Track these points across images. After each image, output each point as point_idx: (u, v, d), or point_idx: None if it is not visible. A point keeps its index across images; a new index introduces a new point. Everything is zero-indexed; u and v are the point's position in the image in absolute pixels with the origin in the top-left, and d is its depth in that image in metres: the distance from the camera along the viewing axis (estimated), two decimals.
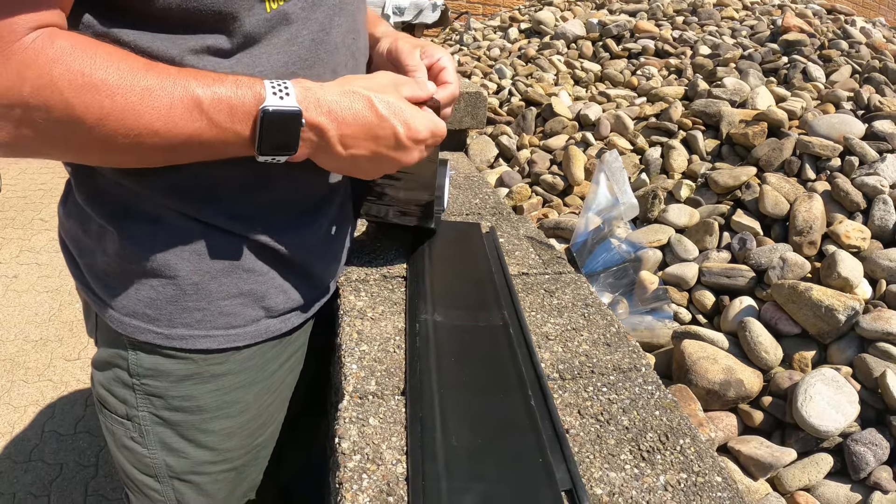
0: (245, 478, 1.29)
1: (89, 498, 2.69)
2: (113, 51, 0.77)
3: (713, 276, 2.32)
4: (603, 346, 1.13)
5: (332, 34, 1.03)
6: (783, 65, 3.76)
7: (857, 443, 1.75)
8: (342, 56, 1.08)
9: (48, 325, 3.77)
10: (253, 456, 1.27)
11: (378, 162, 0.96)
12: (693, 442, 0.93)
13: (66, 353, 3.54)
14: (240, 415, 1.18)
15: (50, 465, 2.84)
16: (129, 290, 1.04)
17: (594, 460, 0.89)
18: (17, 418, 3.09)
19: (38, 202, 5.35)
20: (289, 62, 0.97)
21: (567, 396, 1.01)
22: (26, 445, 2.94)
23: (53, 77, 0.72)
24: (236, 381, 1.15)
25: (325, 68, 1.03)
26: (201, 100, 0.81)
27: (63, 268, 4.35)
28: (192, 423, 1.16)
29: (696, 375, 1.88)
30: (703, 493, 0.84)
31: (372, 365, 1.04)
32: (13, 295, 4.06)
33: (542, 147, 3.22)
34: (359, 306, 1.19)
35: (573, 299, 1.27)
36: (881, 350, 1.93)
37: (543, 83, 3.84)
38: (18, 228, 4.92)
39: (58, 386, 3.31)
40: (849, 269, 2.13)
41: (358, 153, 0.93)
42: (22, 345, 3.60)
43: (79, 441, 2.98)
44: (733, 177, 2.65)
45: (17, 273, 4.31)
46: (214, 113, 0.82)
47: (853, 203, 2.44)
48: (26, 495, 2.68)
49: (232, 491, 1.28)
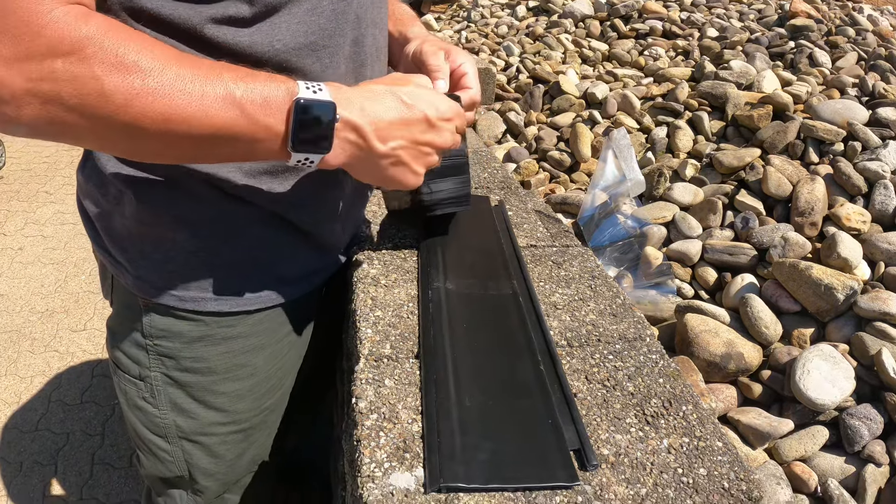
0: (253, 441, 1.31)
1: (95, 467, 2.70)
2: (147, 39, 0.75)
3: (716, 253, 2.35)
4: (609, 317, 1.15)
5: (354, 4, 1.03)
6: (790, 49, 3.76)
7: (853, 417, 1.79)
8: (364, 27, 1.08)
9: (54, 297, 3.77)
10: (261, 420, 1.29)
11: (417, 151, 0.94)
12: (695, 409, 0.96)
13: (72, 324, 3.54)
14: (249, 377, 1.21)
15: (56, 435, 2.85)
16: (144, 252, 1.06)
17: (601, 423, 0.92)
18: (23, 388, 3.10)
19: (42, 175, 5.32)
20: (309, 31, 0.96)
21: (575, 363, 1.04)
22: (33, 415, 2.95)
23: (87, 55, 0.69)
24: (246, 345, 1.17)
25: (345, 38, 1.04)
26: (234, 90, 0.78)
27: (69, 240, 4.34)
28: (202, 385, 1.18)
29: (697, 348, 1.91)
30: (705, 457, 0.87)
31: (386, 329, 1.07)
32: (19, 267, 4.05)
33: (550, 124, 3.24)
34: (372, 274, 1.20)
35: (580, 271, 1.29)
36: (878, 329, 1.97)
37: (551, 61, 3.85)
38: (23, 201, 4.90)
39: (64, 356, 3.31)
40: (848, 249, 2.17)
41: (396, 145, 0.90)
42: (28, 316, 3.60)
43: (85, 411, 2.99)
44: (738, 157, 2.68)
45: (23, 245, 4.30)
46: (248, 104, 0.79)
47: (855, 187, 2.47)
48: (33, 464, 2.70)
49: (241, 454, 1.30)
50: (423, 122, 0.92)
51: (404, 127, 0.91)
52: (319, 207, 1.14)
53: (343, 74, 1.06)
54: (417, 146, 0.93)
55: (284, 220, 1.10)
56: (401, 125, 0.90)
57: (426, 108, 0.93)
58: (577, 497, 0.80)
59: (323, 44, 0.99)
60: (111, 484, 2.62)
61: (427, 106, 0.93)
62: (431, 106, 0.94)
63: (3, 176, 5.28)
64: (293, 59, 0.96)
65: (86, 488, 2.60)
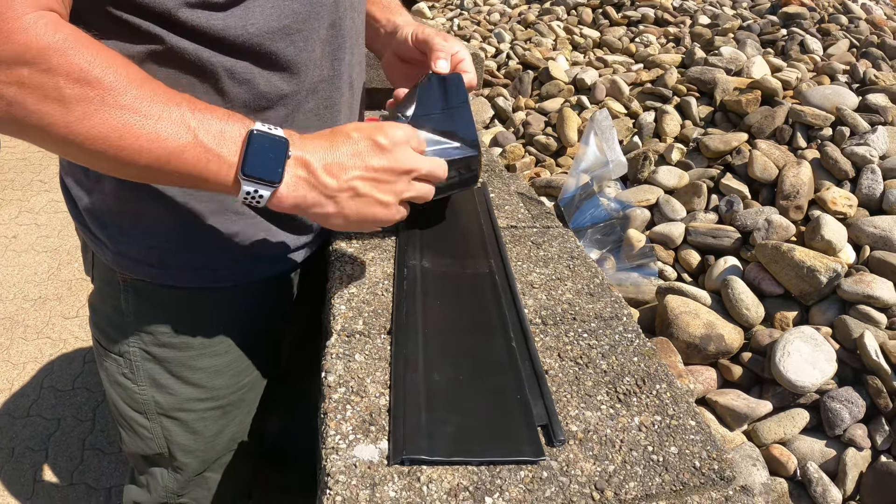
0: (232, 419, 1.32)
1: (86, 452, 2.71)
2: (115, 56, 0.77)
3: (699, 235, 2.36)
4: (586, 296, 1.16)
5: None
6: (781, 37, 3.77)
7: (834, 400, 1.80)
8: (343, 10, 1.08)
9: (47, 284, 3.78)
10: (239, 397, 1.30)
11: (375, 179, 0.91)
12: (669, 387, 0.96)
13: (65, 312, 3.56)
14: (226, 353, 1.22)
15: (48, 421, 2.86)
16: (123, 229, 1.08)
17: (571, 399, 0.92)
18: (15, 375, 3.11)
19: (37, 164, 5.33)
20: (283, 15, 0.97)
21: (548, 340, 1.04)
22: (25, 401, 2.96)
23: (52, 65, 0.72)
24: (223, 319, 1.19)
25: (321, 22, 1.04)
26: (189, 119, 0.80)
27: (62, 228, 4.35)
28: (179, 360, 1.20)
29: (677, 329, 1.92)
30: (677, 436, 0.87)
31: (360, 306, 1.07)
32: (12, 255, 4.06)
33: (538, 109, 3.24)
34: (349, 252, 1.21)
35: (559, 251, 1.30)
36: (861, 312, 1.97)
37: (542, 48, 3.85)
38: (17, 190, 4.91)
39: (56, 343, 3.33)
40: (832, 232, 2.17)
41: (348, 176, 0.88)
42: (21, 303, 3.61)
43: (76, 397, 3.00)
44: (724, 142, 2.68)
45: (17, 233, 4.31)
46: (202, 133, 0.80)
47: (842, 171, 2.47)
48: (24, 449, 2.71)
49: (219, 431, 1.31)
50: (372, 148, 0.90)
51: (354, 157, 0.89)
52: None
53: (318, 58, 1.07)
54: (374, 173, 0.91)
55: None
56: (350, 156, 0.89)
57: (373, 133, 0.91)
58: (542, 472, 0.80)
59: (297, 27, 1.00)
60: (101, 469, 2.64)
61: (374, 132, 0.91)
62: (379, 132, 0.91)
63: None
64: (266, 42, 0.96)
65: (76, 473, 2.61)
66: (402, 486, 0.76)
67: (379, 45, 1.33)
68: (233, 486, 1.47)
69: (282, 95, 1.04)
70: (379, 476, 0.77)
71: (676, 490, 0.80)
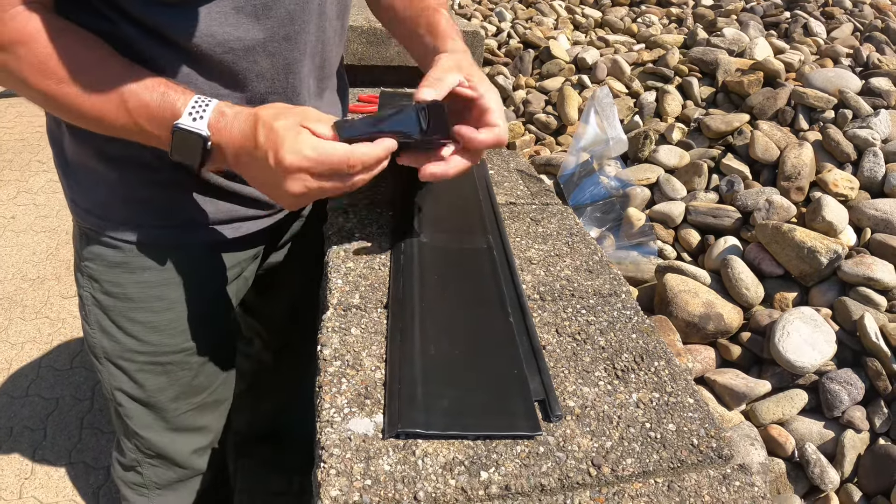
0: (176, 380, 1.34)
1: (84, 431, 2.72)
2: (72, 46, 0.92)
3: (699, 215, 2.35)
4: (585, 273, 1.15)
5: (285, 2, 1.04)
6: (785, 19, 3.75)
7: (833, 381, 1.79)
8: (298, 23, 1.07)
9: (45, 264, 3.78)
10: (181, 359, 1.32)
11: (270, 185, 0.95)
12: (667, 365, 0.96)
13: (63, 291, 3.56)
14: (165, 311, 1.25)
15: (46, 400, 2.86)
16: (78, 178, 1.16)
17: (568, 375, 0.92)
18: (14, 355, 3.11)
19: (35, 144, 5.33)
20: (227, 24, 1.00)
21: (546, 316, 1.04)
22: (23, 381, 2.96)
23: (19, 55, 0.90)
24: (161, 278, 1.22)
25: (271, 36, 1.05)
26: (129, 104, 0.93)
27: (61, 208, 4.35)
28: (119, 310, 1.24)
29: (676, 307, 1.91)
30: (675, 413, 0.87)
31: (357, 280, 1.07)
32: (11, 235, 4.06)
33: (538, 88, 3.23)
34: (347, 227, 1.21)
35: (558, 228, 1.29)
36: (861, 294, 1.96)
37: (543, 27, 3.83)
38: (16, 170, 4.90)
39: (55, 323, 3.33)
40: (833, 213, 2.16)
41: (251, 174, 0.96)
42: (20, 283, 3.62)
43: (75, 376, 3.00)
44: (726, 122, 2.67)
45: (15, 214, 4.31)
46: (137, 116, 0.94)
47: (843, 154, 2.46)
48: (23, 429, 2.71)
49: (161, 388, 1.34)
50: (265, 164, 0.91)
51: (252, 161, 0.94)
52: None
53: (267, 70, 1.09)
54: (265, 180, 0.95)
55: None
56: (249, 157, 0.94)
57: (269, 150, 0.90)
58: (538, 447, 0.80)
59: (243, 43, 1.04)
60: (99, 448, 2.64)
61: (271, 148, 0.90)
62: (273, 149, 0.90)
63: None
64: (208, 51, 1.02)
65: (74, 452, 2.62)
66: (396, 459, 0.75)
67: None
68: (202, 465, 1.52)
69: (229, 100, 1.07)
70: (374, 449, 0.76)
71: (674, 467, 0.79)
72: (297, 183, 0.91)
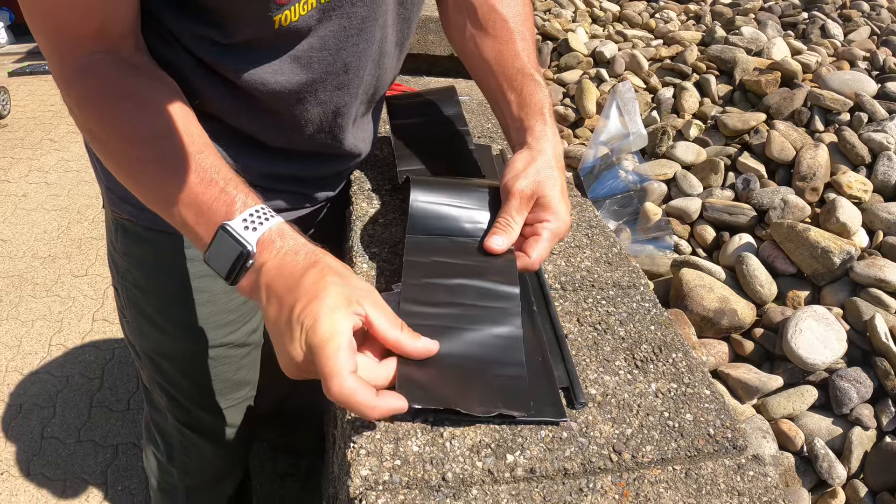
0: (218, 375, 1.33)
1: (93, 409, 2.73)
2: (125, 111, 0.84)
3: (715, 211, 2.36)
4: (604, 264, 1.16)
5: (343, 54, 1.00)
6: (802, 20, 3.74)
7: (843, 379, 1.81)
8: (351, 73, 1.03)
9: (56, 243, 3.79)
10: (223, 353, 1.30)
11: (276, 336, 0.77)
12: (685, 357, 0.97)
13: (74, 270, 3.57)
14: (206, 304, 1.22)
15: (56, 378, 2.88)
16: None
17: (590, 364, 0.93)
18: (24, 332, 3.13)
19: (47, 123, 5.34)
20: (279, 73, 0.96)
21: (567, 305, 1.05)
22: (33, 358, 2.98)
23: (75, 115, 0.87)
24: (204, 269, 1.15)
25: (323, 86, 1.02)
26: (180, 199, 0.82)
27: (72, 187, 4.36)
28: (156, 306, 1.22)
29: (691, 302, 1.93)
30: (692, 403, 0.88)
31: (381, 265, 1.08)
32: (22, 213, 4.07)
33: (556, 80, 3.23)
34: (371, 213, 1.21)
35: (578, 220, 1.30)
36: (872, 295, 1.98)
37: (561, 19, 3.83)
38: (28, 148, 4.91)
39: (65, 301, 3.34)
40: (848, 215, 2.17)
41: (269, 311, 0.78)
42: (30, 261, 3.63)
43: (85, 354, 3.01)
44: (743, 121, 2.68)
45: (27, 192, 4.32)
46: (185, 210, 0.82)
47: (858, 156, 2.47)
48: (32, 406, 2.73)
49: (203, 385, 1.33)
50: (287, 310, 0.75)
51: (282, 296, 0.77)
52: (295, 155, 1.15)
53: (316, 117, 1.06)
54: (277, 329, 0.77)
55: (257, 146, 1.11)
56: (284, 291, 0.77)
57: (301, 299, 0.74)
58: (562, 433, 0.81)
59: (293, 91, 1.00)
60: (108, 426, 2.65)
61: (303, 300, 0.74)
62: (306, 308, 0.73)
63: (7, 124, 5.28)
64: (257, 93, 0.98)
65: (83, 430, 2.63)
66: (425, 441, 0.77)
67: (508, 140, 1.13)
68: (232, 443, 1.49)
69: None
70: (402, 430, 0.77)
71: (691, 456, 0.80)
72: (308, 370, 0.75)
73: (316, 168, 1.17)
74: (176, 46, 0.93)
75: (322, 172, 1.19)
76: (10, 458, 2.50)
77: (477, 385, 0.80)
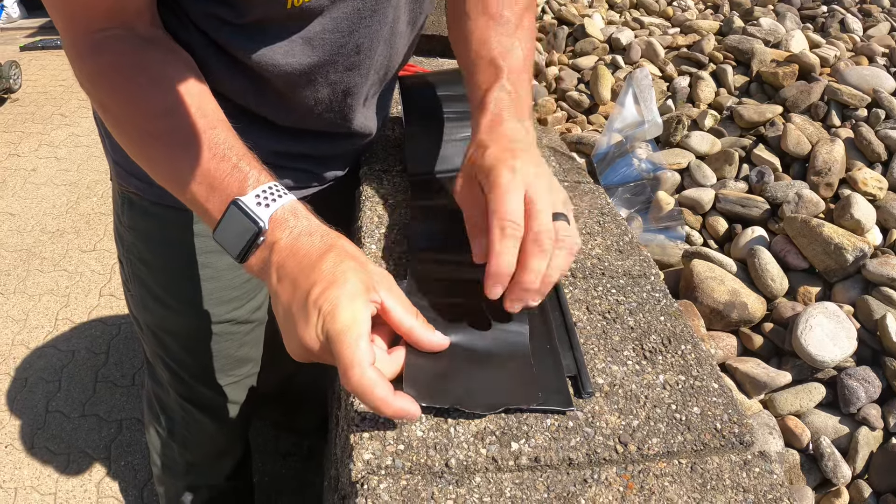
0: (220, 351, 1.34)
1: (98, 384, 2.75)
2: (138, 86, 0.83)
3: (728, 203, 2.34)
4: (615, 252, 1.16)
5: (355, 36, 0.99)
6: (822, 13, 3.71)
7: (851, 377, 1.79)
8: (363, 54, 1.03)
9: (65, 217, 3.81)
10: (226, 329, 1.31)
11: (286, 319, 0.75)
12: (694, 349, 0.96)
13: (82, 245, 3.59)
14: (211, 280, 1.23)
15: (62, 352, 2.90)
16: None
17: (598, 353, 0.93)
18: (31, 306, 3.15)
19: (58, 97, 5.36)
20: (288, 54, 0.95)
21: (577, 293, 1.04)
22: (40, 333, 3.00)
23: (86, 89, 0.86)
24: (210, 245, 1.17)
25: (334, 67, 1.02)
26: (191, 174, 0.80)
27: (82, 162, 4.38)
28: (161, 281, 1.23)
29: (702, 294, 1.91)
30: (700, 396, 0.87)
31: (390, 247, 1.08)
32: (31, 188, 4.09)
33: (571, 66, 3.21)
34: (381, 193, 1.21)
35: (590, 207, 1.29)
36: (884, 294, 1.96)
37: (578, 4, 3.81)
38: (38, 123, 4.94)
39: (73, 276, 3.36)
40: (862, 212, 2.15)
41: (280, 292, 0.75)
42: (39, 236, 3.65)
43: (91, 329, 3.04)
44: (759, 112, 2.66)
45: (36, 166, 4.35)
46: (196, 185, 0.80)
47: (874, 153, 2.44)
48: (38, 380, 2.75)
49: (205, 362, 1.34)
50: (303, 295, 0.73)
51: (294, 281, 0.75)
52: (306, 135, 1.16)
53: (325, 97, 1.07)
54: (287, 312, 0.75)
55: (267, 126, 1.11)
56: (296, 274, 0.75)
57: (318, 284, 0.72)
58: (568, 422, 0.80)
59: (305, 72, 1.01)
60: (113, 401, 2.67)
61: (321, 285, 0.72)
62: (324, 293, 0.71)
63: (18, 98, 5.30)
64: (265, 71, 0.98)
65: (88, 405, 2.65)
66: (429, 426, 0.76)
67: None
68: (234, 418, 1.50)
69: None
70: None
71: (697, 450, 0.80)
72: (321, 356, 0.74)
73: (325, 147, 1.17)
74: (189, 26, 0.93)
75: (331, 151, 1.19)
76: (14, 431, 2.52)
77: (484, 381, 0.80)
